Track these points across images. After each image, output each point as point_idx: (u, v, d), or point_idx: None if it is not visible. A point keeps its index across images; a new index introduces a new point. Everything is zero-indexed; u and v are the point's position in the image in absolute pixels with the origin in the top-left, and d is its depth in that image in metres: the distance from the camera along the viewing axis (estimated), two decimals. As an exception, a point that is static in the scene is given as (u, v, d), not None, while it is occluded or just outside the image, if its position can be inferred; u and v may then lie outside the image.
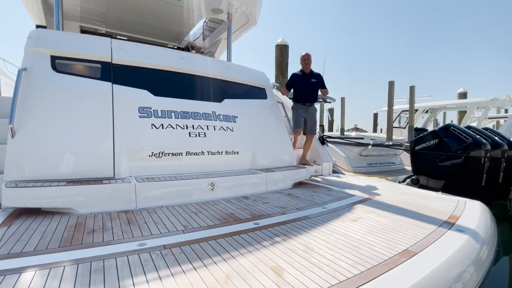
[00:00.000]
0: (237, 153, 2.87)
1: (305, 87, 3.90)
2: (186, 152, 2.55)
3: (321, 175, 3.81)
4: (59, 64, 2.31)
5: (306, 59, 3.89)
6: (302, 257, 1.26)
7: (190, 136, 2.60)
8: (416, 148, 4.89)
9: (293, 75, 4.00)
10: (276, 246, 1.37)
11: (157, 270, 1.10)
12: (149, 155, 2.38)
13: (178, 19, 4.77)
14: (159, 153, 2.42)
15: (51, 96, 2.15)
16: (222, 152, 2.76)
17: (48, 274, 1.05)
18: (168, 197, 2.12)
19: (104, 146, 2.20)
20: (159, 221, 1.70)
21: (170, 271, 1.09)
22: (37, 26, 3.90)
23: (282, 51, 6.97)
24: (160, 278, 1.04)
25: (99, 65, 2.46)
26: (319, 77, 3.95)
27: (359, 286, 1.01)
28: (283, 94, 4.11)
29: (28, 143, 1.98)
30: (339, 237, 1.52)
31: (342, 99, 12.38)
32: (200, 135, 2.66)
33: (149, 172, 2.36)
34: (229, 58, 4.28)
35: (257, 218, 1.80)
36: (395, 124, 10.96)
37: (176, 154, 2.50)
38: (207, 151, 2.67)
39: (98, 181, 2.03)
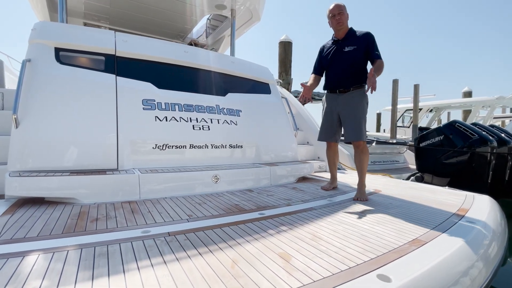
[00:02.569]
0: (241, 147, 2.85)
1: (334, 62, 2.33)
2: (190, 145, 2.53)
3: (325, 171, 3.78)
4: (63, 56, 2.30)
5: (335, 14, 2.25)
6: (309, 244, 1.23)
7: (194, 129, 2.58)
8: (421, 145, 4.84)
9: (321, 47, 2.51)
10: (282, 235, 1.34)
11: (161, 255, 1.08)
12: (153, 148, 2.36)
13: (181, 15, 4.77)
14: (163, 145, 2.40)
15: (55, 88, 2.14)
16: (226, 145, 2.74)
17: (52, 257, 1.03)
18: (172, 188, 2.10)
19: (107, 137, 2.18)
20: (163, 211, 1.68)
21: (175, 256, 1.07)
22: None
23: (285, 48, 6.93)
24: (165, 262, 1.02)
25: (103, 58, 2.44)
26: (361, 41, 2.21)
27: (369, 272, 0.98)
28: (311, 86, 2.41)
29: (32, 133, 1.97)
30: (346, 226, 1.49)
31: None
32: (204, 128, 2.64)
33: (153, 165, 2.34)
34: (232, 54, 4.26)
35: (262, 209, 1.78)
36: (399, 123, 10.88)
37: (180, 147, 2.48)
38: (211, 144, 2.65)
39: (101, 172, 2.02)
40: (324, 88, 2.48)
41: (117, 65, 2.46)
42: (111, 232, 1.30)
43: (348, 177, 3.34)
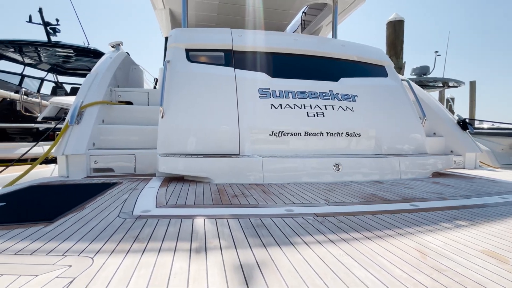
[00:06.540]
0: (359, 135, 2.55)
1: None
2: (305, 132, 2.43)
3: (463, 168, 3.00)
4: (192, 55, 2.61)
5: None
6: None
7: (308, 116, 2.47)
8: None
9: None
10: (463, 229, 1.02)
11: (323, 234, 0.96)
12: (269, 134, 2.37)
13: (280, 11, 4.82)
14: (279, 132, 2.38)
15: (187, 83, 2.44)
16: (342, 133, 2.51)
17: (216, 222, 1.07)
18: (293, 174, 2.04)
19: (231, 125, 2.32)
20: (293, 193, 1.60)
21: (339, 237, 0.94)
22: (166, 38, 4.70)
23: (396, 28, 6.02)
24: (331, 241, 0.90)
25: (222, 53, 2.65)
26: None
27: None
28: None
29: (173, 122, 2.28)
30: None
31: (472, 84, 9.70)
32: (318, 115, 2.49)
33: (270, 151, 2.36)
34: None
35: (411, 201, 1.47)
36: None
37: (295, 134, 2.41)
38: (326, 132, 2.47)
39: (227, 156, 2.15)
40: None
41: (234, 59, 2.61)
42: (255, 207, 1.29)
43: (506, 174, 2.54)
